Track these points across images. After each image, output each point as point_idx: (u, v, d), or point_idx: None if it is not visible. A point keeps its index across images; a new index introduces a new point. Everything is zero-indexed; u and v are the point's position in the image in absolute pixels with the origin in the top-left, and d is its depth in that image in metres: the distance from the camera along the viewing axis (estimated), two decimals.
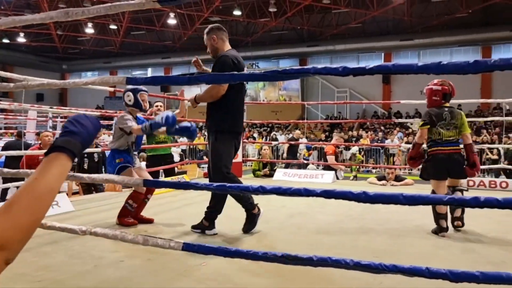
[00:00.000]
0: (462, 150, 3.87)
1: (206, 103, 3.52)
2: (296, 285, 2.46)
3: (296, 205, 4.80)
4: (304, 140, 15.29)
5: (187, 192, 4.98)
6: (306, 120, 14.19)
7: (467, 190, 3.96)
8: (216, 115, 3.46)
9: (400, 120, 16.10)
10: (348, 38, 23.76)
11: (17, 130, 11.54)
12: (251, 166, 9.88)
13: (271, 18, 23.52)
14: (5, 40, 27.93)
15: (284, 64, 26.13)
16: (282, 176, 7.66)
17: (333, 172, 7.61)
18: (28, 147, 7.23)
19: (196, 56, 3.67)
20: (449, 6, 21.41)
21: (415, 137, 4.07)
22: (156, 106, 6.53)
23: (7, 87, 2.60)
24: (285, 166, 10.40)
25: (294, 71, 1.65)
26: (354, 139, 17.38)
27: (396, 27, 23.29)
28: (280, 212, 4.49)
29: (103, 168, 7.69)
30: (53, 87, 2.17)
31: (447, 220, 3.64)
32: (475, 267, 2.73)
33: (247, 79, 1.71)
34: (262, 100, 25.27)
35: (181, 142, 11.51)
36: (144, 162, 8.58)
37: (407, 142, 15.20)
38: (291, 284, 2.46)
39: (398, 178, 7.01)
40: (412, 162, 4.02)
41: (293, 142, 11.45)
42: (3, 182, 6.77)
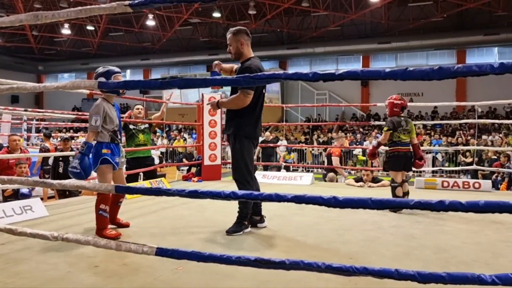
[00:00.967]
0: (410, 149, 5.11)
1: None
2: None
3: (276, 208, 4.79)
4: (284, 142, 15.34)
5: None
6: (285, 123, 14.23)
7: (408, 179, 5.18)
8: (238, 120, 3.62)
9: (378, 122, 16.32)
10: (327, 41, 24.03)
11: None
12: (230, 168, 9.87)
13: (251, 21, 23.59)
14: None
15: (264, 67, 26.14)
16: (261, 178, 7.65)
17: (311, 174, 7.66)
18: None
19: (218, 61, 3.98)
20: (425, 10, 21.87)
21: (379, 139, 5.31)
22: (137, 109, 6.45)
23: None
24: (263, 168, 10.42)
25: (265, 76, 1.67)
26: (333, 141, 17.55)
27: (374, 31, 23.65)
28: None
29: None
30: (23, 91, 2.12)
31: None
32: (447, 267, 2.80)
33: (219, 83, 1.72)
34: None
35: (160, 144, 11.43)
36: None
37: (350, 143, 15.44)
38: (267, 287, 2.47)
39: (375, 180, 7.10)
40: (372, 157, 5.40)
41: (264, 145, 11.50)
42: None
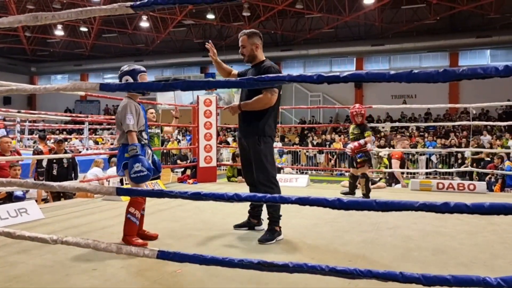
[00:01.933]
0: None
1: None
2: None
3: None
4: (279, 144, 15.35)
5: None
6: (280, 124, 14.25)
7: None
8: (262, 121, 3.58)
9: (372, 124, 16.41)
10: (321, 43, 24.09)
11: None
12: (225, 170, 9.85)
13: (245, 22, 23.59)
14: None
15: None
16: None
17: (307, 176, 7.65)
18: None
19: (210, 42, 3.84)
20: (418, 13, 22.00)
21: (365, 139, 5.79)
22: (151, 113, 6.41)
23: None
24: None
25: (270, 78, 1.66)
26: (328, 142, 17.59)
27: (367, 33, 23.76)
28: None
29: (73, 174, 7.52)
30: (23, 92, 2.10)
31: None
32: (446, 269, 2.81)
33: (223, 86, 1.71)
34: None
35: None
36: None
37: (379, 146, 15.48)
38: (267, 287, 2.46)
39: (371, 182, 7.12)
40: (354, 153, 5.81)
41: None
42: None
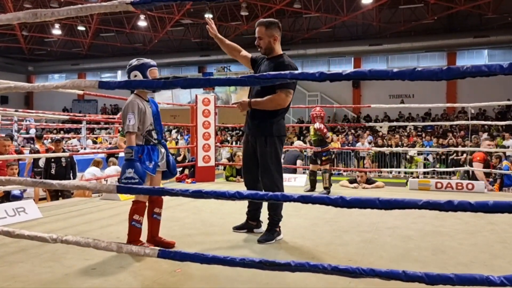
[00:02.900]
0: None
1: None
2: None
3: None
4: None
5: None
6: None
7: None
8: (268, 120, 3.45)
9: (370, 124, 16.43)
10: (319, 43, 24.10)
11: None
12: (223, 170, 9.83)
13: (243, 22, 23.57)
14: None
15: None
16: None
17: (305, 176, 7.64)
18: None
19: (209, 17, 3.68)
20: (415, 12, 22.03)
21: (327, 140, 6.36)
22: None
23: None
24: None
25: (272, 76, 1.65)
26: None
27: (365, 32, 23.78)
28: None
29: (71, 173, 7.49)
30: (21, 90, 2.08)
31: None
32: (446, 268, 2.80)
33: (225, 83, 1.70)
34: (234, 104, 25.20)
35: None
36: (115, 166, 8.42)
37: (377, 145, 15.50)
38: (267, 287, 2.45)
39: (369, 181, 7.12)
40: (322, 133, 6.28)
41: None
42: None
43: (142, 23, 24.84)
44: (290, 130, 22.59)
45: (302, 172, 8.93)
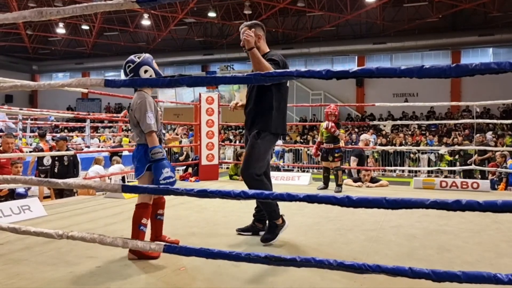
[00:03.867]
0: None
1: (255, 103, 3.41)
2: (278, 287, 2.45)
3: None
4: (280, 142, 15.30)
5: None
6: None
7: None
8: (263, 114, 3.37)
9: (374, 122, 16.38)
10: (322, 41, 24.01)
11: None
12: (227, 168, 9.83)
13: (246, 20, 23.38)
14: None
15: None
16: None
17: (309, 174, 7.64)
18: None
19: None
20: (419, 11, 21.92)
21: (338, 137, 6.47)
22: (159, 111, 6.36)
23: None
24: None
25: (277, 73, 1.64)
26: None
27: (369, 31, 23.69)
28: None
29: (74, 172, 7.48)
30: (27, 88, 2.08)
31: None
32: (452, 267, 2.79)
33: (230, 81, 1.69)
34: None
35: None
36: (119, 165, 8.43)
37: (381, 144, 15.46)
38: (272, 287, 2.45)
39: (373, 180, 7.11)
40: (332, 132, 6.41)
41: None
42: None
43: (146, 22, 24.85)
44: (293, 129, 22.58)
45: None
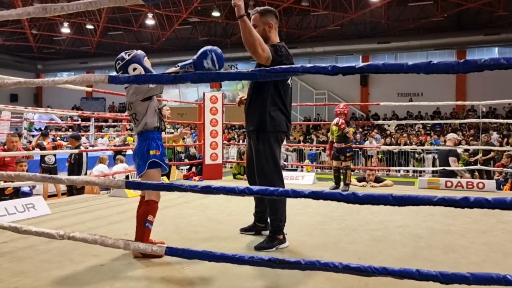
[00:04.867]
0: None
1: (252, 100, 3.24)
2: None
3: None
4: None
5: (167, 193, 4.91)
6: None
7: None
8: (259, 111, 3.18)
9: (379, 122, 16.30)
10: (327, 41, 23.96)
11: None
12: (231, 168, 9.82)
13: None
14: None
15: None
16: None
17: (313, 174, 7.61)
18: None
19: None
20: (424, 10, 21.83)
21: (347, 135, 6.32)
22: (167, 110, 6.26)
23: None
24: None
25: (283, 69, 1.62)
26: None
27: (373, 30, 23.61)
28: None
29: (78, 171, 7.49)
30: (31, 85, 2.07)
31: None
32: (458, 268, 2.76)
33: (234, 78, 1.67)
34: None
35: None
36: (123, 164, 8.43)
37: (385, 144, 15.40)
38: (276, 285, 2.43)
39: (378, 180, 7.07)
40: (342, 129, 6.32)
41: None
42: None
43: (150, 21, 24.87)
44: (297, 128, 22.55)
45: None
